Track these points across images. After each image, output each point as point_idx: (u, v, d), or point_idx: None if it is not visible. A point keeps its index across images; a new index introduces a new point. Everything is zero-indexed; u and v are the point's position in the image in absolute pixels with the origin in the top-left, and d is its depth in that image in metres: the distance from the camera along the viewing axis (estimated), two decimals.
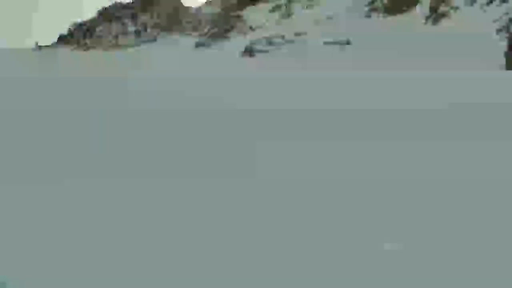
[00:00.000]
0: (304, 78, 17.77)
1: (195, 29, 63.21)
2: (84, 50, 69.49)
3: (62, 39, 78.29)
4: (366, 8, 38.69)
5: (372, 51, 27.80)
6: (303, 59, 31.62)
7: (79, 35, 75.60)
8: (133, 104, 10.58)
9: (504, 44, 18.16)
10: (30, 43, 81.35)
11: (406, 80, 15.37)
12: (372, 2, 38.59)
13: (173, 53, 49.00)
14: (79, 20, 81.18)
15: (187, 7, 71.54)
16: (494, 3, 27.00)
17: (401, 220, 2.87)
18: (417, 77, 15.87)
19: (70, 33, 78.23)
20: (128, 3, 74.09)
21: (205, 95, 12.77)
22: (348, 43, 34.48)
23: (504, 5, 26.00)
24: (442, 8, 30.62)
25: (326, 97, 11.56)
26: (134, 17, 71.42)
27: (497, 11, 26.23)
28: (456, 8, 28.95)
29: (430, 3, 32.19)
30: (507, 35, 18.25)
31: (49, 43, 78.65)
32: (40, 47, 78.56)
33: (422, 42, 26.37)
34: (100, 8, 78.54)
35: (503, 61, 16.78)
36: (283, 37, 39.35)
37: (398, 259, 2.28)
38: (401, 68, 20.14)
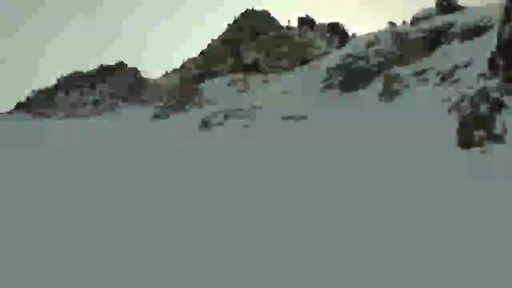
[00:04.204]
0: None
1: (153, 100, 62.89)
2: (40, 118, 67.82)
3: (20, 106, 76.61)
4: (322, 85, 39.22)
5: (326, 125, 27.62)
6: (258, 133, 31.16)
7: (37, 103, 74.20)
8: None
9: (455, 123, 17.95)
10: None
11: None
12: (328, 79, 39.23)
13: (129, 124, 48.06)
14: (38, 87, 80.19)
15: (146, 79, 71.73)
16: (444, 83, 27.55)
17: None
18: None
19: (29, 100, 76.68)
20: (87, 73, 73.68)
21: None
22: (304, 118, 34.38)
23: (455, 85, 26.51)
24: (395, 87, 31.13)
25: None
26: (93, 86, 70.79)
27: (447, 91, 26.67)
28: (408, 86, 29.46)
29: (384, 82, 32.80)
30: (458, 113, 18.11)
31: (6, 110, 77.02)
32: None
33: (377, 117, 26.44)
34: (59, 76, 77.82)
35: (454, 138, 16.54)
36: (239, 110, 39.13)
37: None
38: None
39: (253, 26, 66.56)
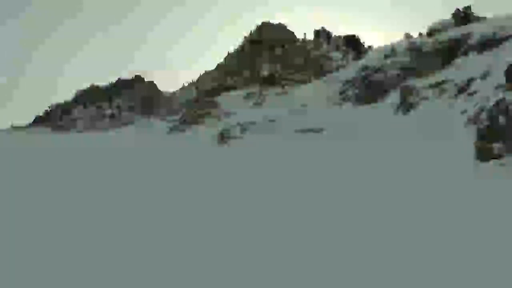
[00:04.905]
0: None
1: (170, 113, 63.46)
2: (57, 132, 68.73)
3: (39, 120, 77.80)
4: (338, 98, 39.29)
5: (344, 138, 27.67)
6: (276, 145, 31.28)
7: (55, 117, 75.32)
8: None
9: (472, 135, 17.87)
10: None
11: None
12: (344, 91, 39.30)
13: (145, 137, 48.51)
14: (56, 101, 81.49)
15: (163, 92, 72.50)
16: (461, 95, 27.42)
17: None
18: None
19: (47, 114, 77.88)
20: (104, 86, 74.78)
21: None
22: (321, 130, 34.42)
23: (472, 97, 26.35)
24: (412, 99, 31.06)
25: None
26: (110, 100, 71.72)
27: (465, 103, 26.53)
28: (425, 98, 29.38)
29: (400, 94, 32.73)
30: (475, 126, 18.04)
31: (24, 124, 78.29)
32: (14, 128, 77.76)
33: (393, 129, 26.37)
34: (77, 90, 79.10)
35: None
36: (256, 123, 39.33)
37: None
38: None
39: (269, 39, 67.01)
